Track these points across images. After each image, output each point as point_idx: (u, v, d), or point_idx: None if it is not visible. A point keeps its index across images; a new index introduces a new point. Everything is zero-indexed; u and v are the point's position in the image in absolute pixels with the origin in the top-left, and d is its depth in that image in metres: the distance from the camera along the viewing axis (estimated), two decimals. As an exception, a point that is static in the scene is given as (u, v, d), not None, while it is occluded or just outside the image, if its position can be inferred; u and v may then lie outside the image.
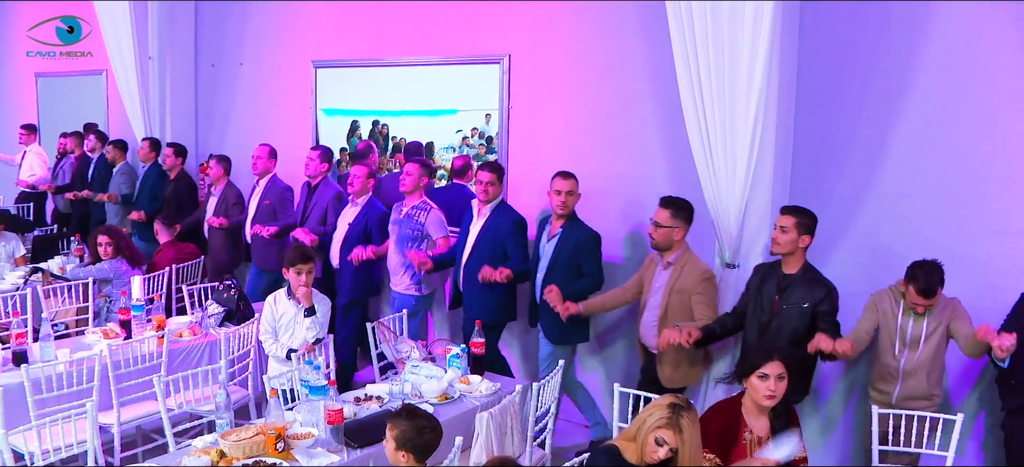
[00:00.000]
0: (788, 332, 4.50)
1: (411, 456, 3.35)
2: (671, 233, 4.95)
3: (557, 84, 6.23)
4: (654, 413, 3.27)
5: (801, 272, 4.56)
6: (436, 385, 4.51)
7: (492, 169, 5.72)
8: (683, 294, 4.91)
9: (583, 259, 5.36)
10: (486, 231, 5.68)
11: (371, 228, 6.37)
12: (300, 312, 5.00)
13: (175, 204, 7.94)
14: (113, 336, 5.47)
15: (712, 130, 4.87)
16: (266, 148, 7.22)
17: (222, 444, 3.80)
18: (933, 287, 4.23)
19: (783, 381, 3.65)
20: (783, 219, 4.57)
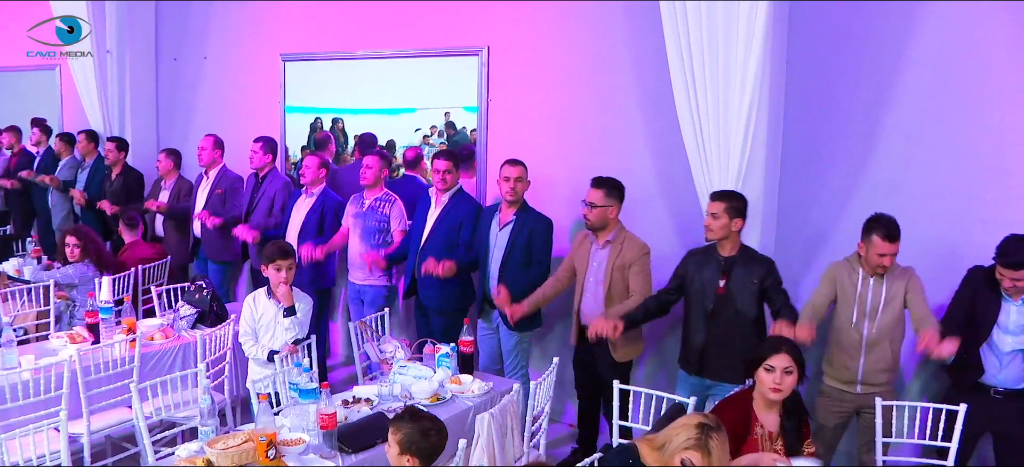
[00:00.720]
0: (742, 312, 4.57)
1: (416, 460, 3.20)
2: (606, 212, 4.99)
3: (538, 77, 6.09)
4: (681, 434, 3.12)
5: (739, 253, 4.63)
6: (427, 386, 4.35)
7: (448, 156, 5.70)
8: (624, 270, 4.96)
9: (536, 246, 5.33)
10: (443, 218, 5.66)
11: (327, 218, 6.30)
12: (280, 311, 4.80)
13: (124, 199, 7.74)
14: (80, 340, 5.21)
15: (705, 123, 4.81)
16: (211, 139, 7.14)
17: (209, 452, 3.61)
18: (895, 231, 4.31)
19: (790, 375, 3.57)
20: (713, 206, 4.60)
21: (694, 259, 4.76)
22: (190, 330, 5.56)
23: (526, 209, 5.41)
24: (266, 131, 7.17)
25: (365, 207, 6.12)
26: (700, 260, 4.72)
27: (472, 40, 6.29)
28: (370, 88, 6.96)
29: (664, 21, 4.82)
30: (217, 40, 7.95)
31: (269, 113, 7.53)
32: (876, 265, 4.38)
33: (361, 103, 7.02)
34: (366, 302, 6.11)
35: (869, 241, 4.36)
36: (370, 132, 6.98)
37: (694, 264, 4.73)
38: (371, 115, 6.98)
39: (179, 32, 8.23)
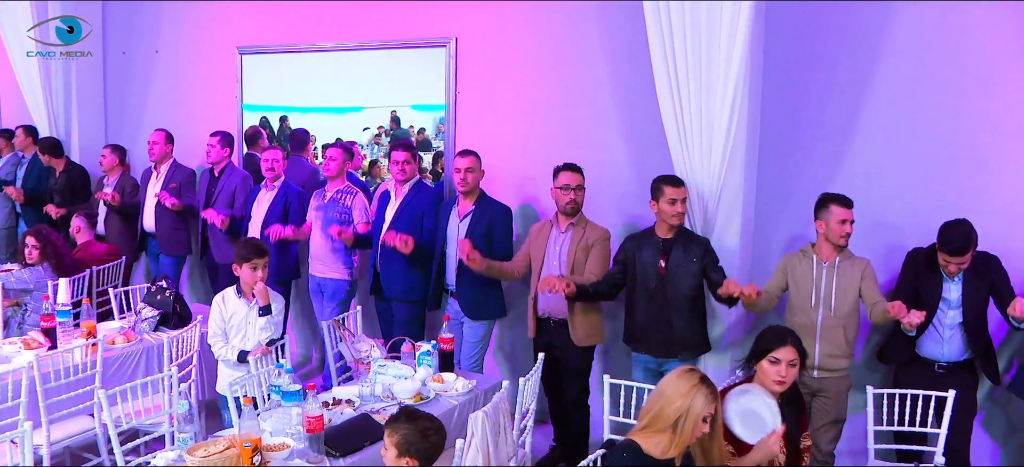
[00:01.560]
0: (684, 290, 4.68)
1: (415, 462, 3.07)
2: (583, 195, 5.04)
3: (508, 68, 5.97)
4: (697, 399, 3.07)
5: (677, 234, 4.73)
6: (409, 385, 4.22)
7: (405, 147, 5.66)
8: (586, 251, 4.99)
9: (497, 234, 5.31)
10: (404, 208, 5.62)
11: (290, 210, 6.19)
12: (252, 311, 4.61)
13: (70, 196, 7.49)
14: (36, 346, 4.94)
15: (688, 119, 4.77)
16: (162, 134, 6.97)
17: (188, 460, 3.43)
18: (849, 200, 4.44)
19: (794, 368, 3.55)
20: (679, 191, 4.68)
21: (633, 242, 4.87)
22: (153, 332, 5.33)
23: (484, 199, 5.38)
24: (222, 126, 6.93)
25: (327, 199, 6.01)
26: (638, 242, 4.83)
27: (439, 31, 6.15)
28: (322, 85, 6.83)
29: (647, 17, 4.76)
30: (170, 33, 7.66)
31: (225, 108, 7.28)
32: (839, 235, 4.44)
33: (309, 101, 6.92)
34: (326, 295, 5.99)
35: (827, 213, 4.46)
36: (302, 128, 6.91)
37: (633, 246, 4.84)
38: (318, 113, 6.89)
39: (128, 25, 7.93)
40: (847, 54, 5.06)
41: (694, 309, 4.74)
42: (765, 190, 5.23)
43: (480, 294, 5.32)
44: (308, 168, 6.74)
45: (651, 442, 3.14)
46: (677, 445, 3.12)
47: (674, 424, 3.09)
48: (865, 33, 5.00)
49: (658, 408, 3.15)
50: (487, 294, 5.35)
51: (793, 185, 5.24)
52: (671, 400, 3.12)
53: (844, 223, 4.43)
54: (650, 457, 3.12)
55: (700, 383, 3.12)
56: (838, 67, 5.09)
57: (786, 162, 5.22)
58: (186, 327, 5.25)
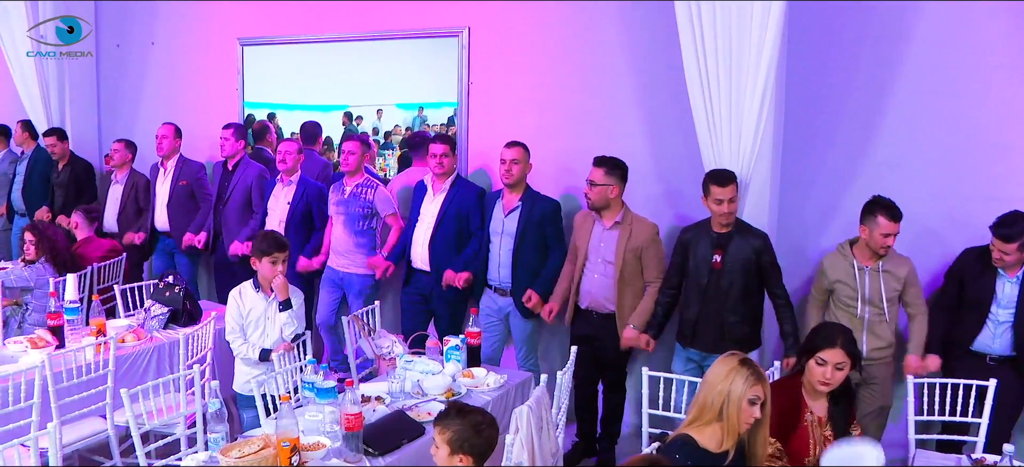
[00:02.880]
0: (738, 286, 4.57)
1: (469, 460, 2.95)
2: (606, 191, 4.87)
3: (522, 58, 5.85)
4: (736, 380, 3.00)
5: (734, 228, 4.61)
6: (440, 381, 4.09)
7: (445, 141, 5.52)
8: (636, 252, 4.88)
9: (549, 230, 5.20)
10: (448, 207, 5.45)
11: (312, 206, 6.02)
12: (270, 306, 4.46)
13: (74, 190, 7.30)
14: (43, 345, 4.76)
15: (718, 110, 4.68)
16: (171, 127, 6.77)
17: (222, 461, 3.28)
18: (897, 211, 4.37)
19: (841, 371, 3.44)
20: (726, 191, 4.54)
21: (689, 234, 4.75)
22: (162, 330, 5.17)
23: (532, 194, 5.24)
24: (222, 121, 6.76)
25: (347, 194, 5.85)
26: (694, 236, 4.71)
27: (452, 21, 6.01)
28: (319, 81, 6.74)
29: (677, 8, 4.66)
30: (166, 24, 7.47)
31: (225, 101, 7.11)
32: (880, 246, 4.41)
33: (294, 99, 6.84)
34: (351, 292, 5.83)
35: (873, 222, 4.39)
36: (314, 121, 6.77)
37: (689, 239, 4.73)
38: (304, 111, 6.81)
39: (122, 16, 7.72)
40: (870, 43, 5.01)
41: (747, 305, 4.62)
42: (788, 181, 5.16)
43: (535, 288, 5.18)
44: (319, 162, 6.58)
45: (704, 435, 3.06)
46: (729, 435, 3.04)
47: (719, 412, 3.02)
48: (888, 21, 4.94)
49: (702, 397, 3.08)
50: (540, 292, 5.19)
51: (816, 176, 5.20)
52: (712, 386, 3.05)
53: (888, 237, 4.38)
54: (706, 450, 3.03)
55: (739, 365, 3.04)
56: (860, 57, 5.04)
57: (809, 152, 5.17)
58: (197, 324, 5.09)
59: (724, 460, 3.06)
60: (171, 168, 6.71)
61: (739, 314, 4.61)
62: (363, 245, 5.80)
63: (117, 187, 6.99)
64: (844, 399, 3.55)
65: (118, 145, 7.06)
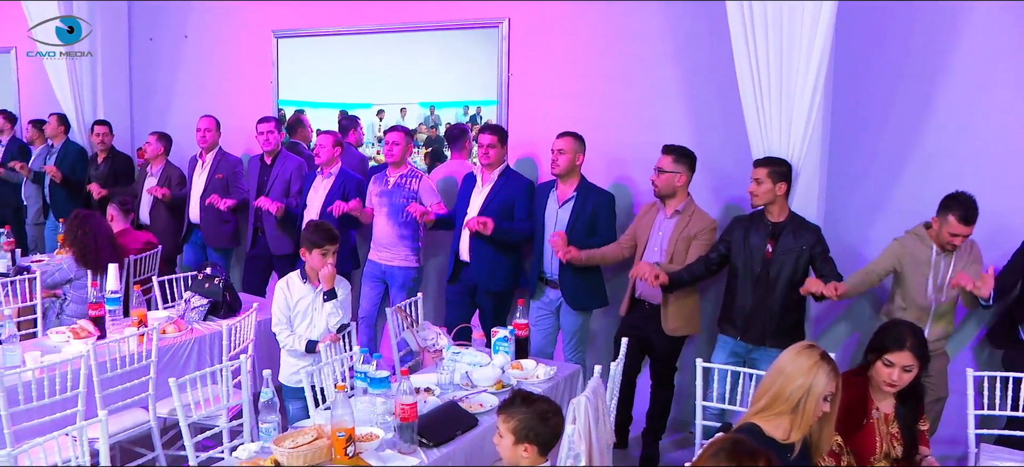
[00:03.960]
0: (785, 277, 4.52)
1: (534, 449, 2.88)
2: (673, 179, 4.85)
3: (563, 48, 5.79)
4: (819, 376, 2.91)
5: (788, 219, 4.58)
6: (489, 372, 4.03)
7: (493, 131, 5.43)
8: (688, 241, 4.85)
9: (601, 221, 5.14)
10: (495, 195, 5.38)
11: (350, 196, 5.92)
12: (318, 297, 4.41)
13: (112, 185, 7.26)
14: (85, 335, 4.72)
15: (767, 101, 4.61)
16: (212, 120, 6.74)
17: (276, 452, 3.21)
18: (973, 214, 4.27)
19: (908, 373, 3.35)
20: (756, 172, 4.55)
21: (741, 224, 4.70)
22: (202, 322, 5.12)
23: (586, 185, 5.17)
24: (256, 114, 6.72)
25: (390, 184, 5.77)
26: (747, 225, 4.66)
27: (491, 11, 5.95)
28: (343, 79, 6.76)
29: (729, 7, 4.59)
30: (200, 17, 7.44)
31: (259, 94, 7.07)
32: (946, 242, 4.36)
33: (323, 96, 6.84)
34: (394, 284, 5.76)
35: (944, 219, 4.33)
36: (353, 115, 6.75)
37: (741, 229, 4.67)
38: (330, 108, 6.80)
39: (155, 9, 7.70)
40: (921, 30, 4.92)
41: (792, 298, 4.54)
42: (836, 172, 5.07)
43: (583, 283, 5.15)
44: (356, 156, 6.52)
45: (771, 425, 2.97)
46: (799, 427, 2.96)
47: (796, 405, 2.93)
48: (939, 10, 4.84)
49: (778, 388, 2.97)
50: (590, 283, 5.18)
51: (865, 167, 5.10)
52: (792, 378, 2.95)
53: (955, 237, 4.32)
54: (772, 439, 2.95)
55: (821, 360, 2.96)
56: (911, 46, 4.96)
57: (858, 143, 5.09)
58: (236, 316, 5.04)
59: (790, 452, 2.99)
60: (210, 161, 6.68)
61: (784, 306, 4.54)
62: (407, 237, 5.73)
63: (152, 179, 6.96)
64: (912, 397, 3.46)
65: (152, 138, 7.04)
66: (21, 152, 8.29)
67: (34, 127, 8.11)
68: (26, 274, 5.73)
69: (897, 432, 3.41)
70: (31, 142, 8.14)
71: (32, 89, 8.73)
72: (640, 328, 4.91)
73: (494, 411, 3.62)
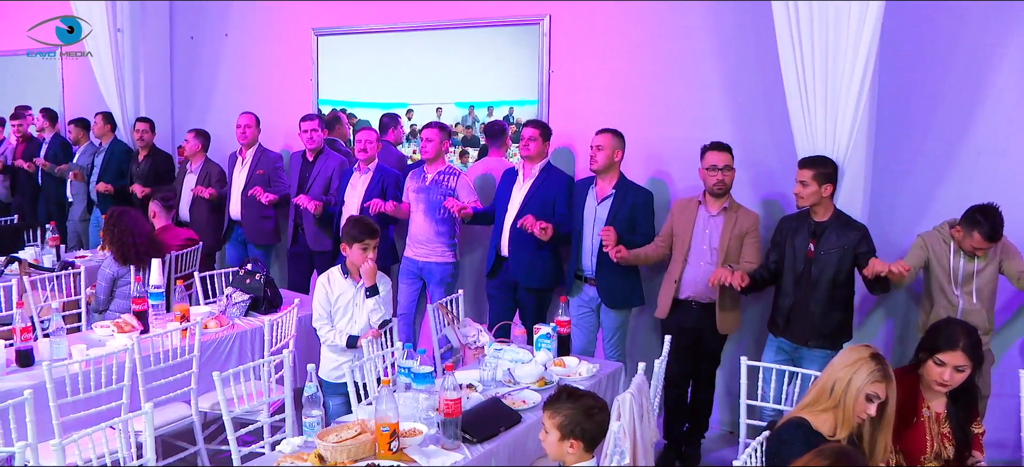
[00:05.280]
0: (828, 277, 4.49)
1: (580, 445, 2.86)
2: (732, 177, 4.85)
3: (604, 45, 5.74)
4: (860, 371, 2.94)
5: (833, 218, 4.54)
6: (533, 369, 4.01)
7: (536, 125, 5.43)
8: (740, 239, 4.83)
9: (639, 219, 5.11)
10: (534, 193, 5.36)
11: (388, 192, 5.94)
12: (359, 292, 4.41)
13: (153, 182, 7.33)
14: (128, 329, 4.77)
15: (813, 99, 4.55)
16: (252, 117, 6.78)
17: (320, 446, 3.22)
18: (998, 231, 4.24)
19: (960, 373, 3.29)
20: (802, 174, 4.51)
21: (788, 224, 4.70)
22: (243, 317, 5.15)
23: (625, 182, 5.14)
24: (296, 112, 6.77)
25: (428, 181, 5.77)
26: (794, 225, 4.65)
27: (531, 9, 5.92)
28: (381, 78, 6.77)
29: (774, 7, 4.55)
30: (240, 15, 7.49)
31: (299, 92, 7.10)
32: (969, 250, 4.36)
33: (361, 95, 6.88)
34: (432, 281, 5.77)
35: (969, 234, 4.31)
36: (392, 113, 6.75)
37: (788, 229, 4.67)
38: (367, 108, 6.83)
39: (196, 8, 7.77)
40: (969, 25, 4.81)
41: (835, 298, 4.50)
42: (882, 169, 4.99)
43: (620, 281, 5.10)
44: (395, 153, 6.53)
45: (818, 419, 3.01)
46: (843, 424, 2.98)
47: (839, 400, 2.97)
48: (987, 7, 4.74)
49: (823, 382, 3.04)
50: (627, 281, 5.14)
51: (911, 164, 5.01)
52: (836, 371, 3.02)
53: (977, 250, 4.32)
54: (819, 434, 2.97)
55: (869, 358, 2.98)
56: (959, 42, 4.85)
57: (904, 140, 5.00)
58: (277, 312, 5.06)
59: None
60: (249, 157, 6.71)
61: (824, 305, 4.50)
62: (444, 233, 5.72)
63: (192, 176, 7.03)
64: (965, 397, 3.38)
65: (190, 135, 7.11)
66: (64, 149, 8.41)
67: (77, 126, 8.20)
68: (70, 269, 5.81)
69: (949, 432, 3.34)
70: (76, 142, 8.24)
71: (76, 89, 8.84)
72: (692, 328, 4.87)
73: (537, 408, 3.62)
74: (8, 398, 3.61)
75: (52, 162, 8.34)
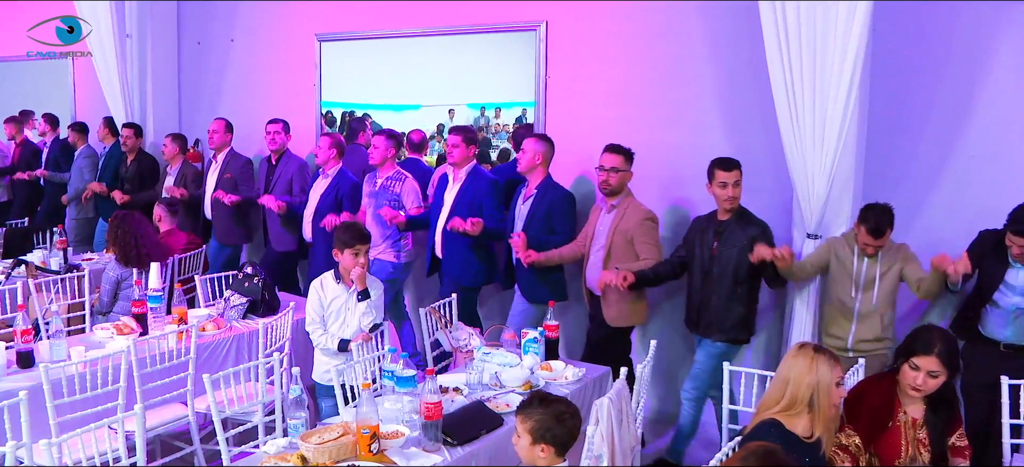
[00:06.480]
0: (730, 272, 4.70)
1: (551, 450, 2.91)
2: (624, 178, 5.03)
3: (600, 51, 5.80)
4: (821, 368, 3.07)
5: (734, 216, 4.74)
6: (518, 373, 4.06)
7: (457, 131, 5.70)
8: (626, 235, 4.98)
9: (556, 219, 5.30)
10: (463, 194, 5.62)
11: (343, 198, 6.25)
12: (351, 297, 4.48)
13: (139, 185, 7.60)
14: (128, 331, 4.86)
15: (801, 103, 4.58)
16: (222, 122, 7.09)
17: (302, 447, 3.28)
18: (882, 228, 4.36)
19: (934, 378, 3.31)
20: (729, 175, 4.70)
21: (698, 223, 4.94)
22: (241, 320, 5.24)
23: (548, 183, 5.36)
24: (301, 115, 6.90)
25: (377, 186, 6.06)
26: (703, 224, 4.89)
27: (529, 15, 5.98)
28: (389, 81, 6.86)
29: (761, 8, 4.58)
30: (246, 21, 7.61)
31: (303, 96, 7.20)
32: (863, 247, 4.49)
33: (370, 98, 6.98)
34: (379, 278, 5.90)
35: (859, 228, 4.46)
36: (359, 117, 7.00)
37: (698, 228, 4.91)
38: (376, 110, 6.93)
39: (203, 14, 7.88)
40: (961, 30, 4.82)
41: (735, 293, 4.71)
42: (874, 175, 5.00)
43: (537, 277, 5.31)
44: (363, 156, 6.70)
45: (792, 422, 3.09)
46: (819, 422, 3.08)
47: (810, 403, 3.06)
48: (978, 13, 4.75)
49: (791, 394, 3.10)
50: (545, 278, 5.31)
51: (906, 169, 5.02)
52: (799, 380, 3.09)
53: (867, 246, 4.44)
54: (795, 435, 3.06)
55: (816, 353, 3.10)
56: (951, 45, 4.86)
57: (896, 145, 5.01)
58: (275, 315, 5.14)
59: (816, 448, 3.09)
60: (221, 161, 7.03)
61: (724, 300, 4.73)
62: (390, 236, 5.96)
63: (169, 179, 7.33)
64: (944, 406, 3.40)
65: (167, 139, 7.39)
66: (64, 153, 8.61)
67: (75, 131, 8.40)
68: (76, 272, 5.92)
69: (925, 438, 3.36)
70: (74, 145, 8.44)
71: (87, 94, 8.98)
72: (591, 318, 5.13)
73: (520, 411, 3.67)
74: (7, 399, 3.70)
75: (52, 168, 8.59)
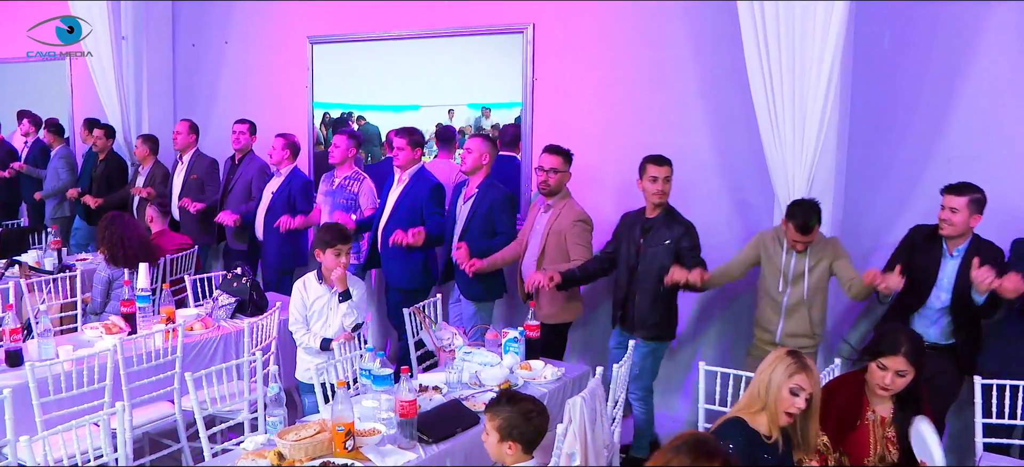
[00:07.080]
0: (655, 270, 4.75)
1: (518, 447, 2.96)
2: (563, 178, 5.11)
3: (586, 54, 5.84)
4: (778, 368, 3.08)
5: (661, 214, 4.81)
6: (498, 372, 4.11)
7: (402, 134, 5.73)
8: (560, 235, 5.05)
9: (497, 218, 5.36)
10: (404, 197, 5.67)
11: (294, 196, 6.35)
12: (333, 297, 4.53)
13: (106, 185, 7.75)
14: (116, 331, 4.92)
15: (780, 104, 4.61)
16: (186, 124, 7.26)
17: (280, 444, 3.34)
18: (809, 224, 4.39)
19: (901, 378, 3.33)
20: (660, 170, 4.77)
21: (626, 220, 5.00)
22: (229, 320, 5.29)
23: (489, 183, 5.42)
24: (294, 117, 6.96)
25: (335, 185, 6.16)
26: (631, 221, 4.95)
27: (516, 17, 6.03)
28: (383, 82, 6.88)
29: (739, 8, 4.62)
30: (240, 23, 7.66)
31: (295, 98, 7.26)
32: (792, 243, 4.53)
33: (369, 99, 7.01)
34: None
35: (786, 225, 4.49)
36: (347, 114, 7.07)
37: (626, 224, 4.97)
38: (375, 111, 6.96)
39: (198, 16, 7.95)
40: (942, 31, 4.85)
41: (658, 292, 4.77)
42: (856, 175, 5.04)
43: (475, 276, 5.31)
44: None
45: (755, 421, 3.12)
46: (773, 422, 3.09)
47: (765, 400, 3.09)
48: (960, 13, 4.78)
49: (751, 391, 3.17)
50: (482, 276, 5.34)
51: (887, 171, 5.05)
52: (759, 377, 3.15)
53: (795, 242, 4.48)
54: (757, 432, 3.10)
55: (784, 354, 3.12)
56: (932, 46, 4.89)
57: (878, 146, 5.04)
58: (263, 314, 5.19)
59: (775, 448, 3.10)
60: (187, 161, 7.18)
61: (648, 298, 4.80)
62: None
63: (141, 179, 7.48)
64: (912, 404, 3.42)
65: (139, 140, 7.52)
66: (42, 154, 8.75)
67: (50, 131, 8.58)
68: (68, 272, 5.99)
69: (893, 436, 3.39)
70: (49, 145, 8.62)
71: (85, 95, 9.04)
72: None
73: (496, 410, 3.72)
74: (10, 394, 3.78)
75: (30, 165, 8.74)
